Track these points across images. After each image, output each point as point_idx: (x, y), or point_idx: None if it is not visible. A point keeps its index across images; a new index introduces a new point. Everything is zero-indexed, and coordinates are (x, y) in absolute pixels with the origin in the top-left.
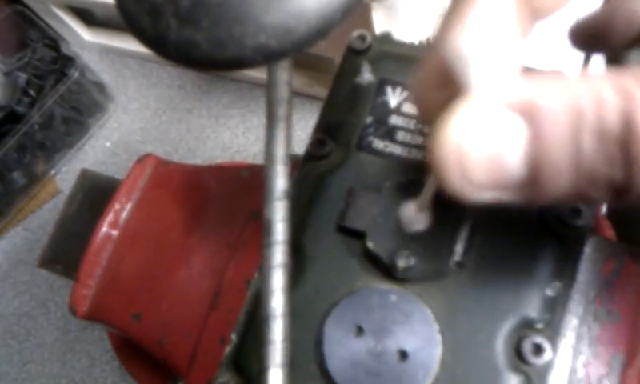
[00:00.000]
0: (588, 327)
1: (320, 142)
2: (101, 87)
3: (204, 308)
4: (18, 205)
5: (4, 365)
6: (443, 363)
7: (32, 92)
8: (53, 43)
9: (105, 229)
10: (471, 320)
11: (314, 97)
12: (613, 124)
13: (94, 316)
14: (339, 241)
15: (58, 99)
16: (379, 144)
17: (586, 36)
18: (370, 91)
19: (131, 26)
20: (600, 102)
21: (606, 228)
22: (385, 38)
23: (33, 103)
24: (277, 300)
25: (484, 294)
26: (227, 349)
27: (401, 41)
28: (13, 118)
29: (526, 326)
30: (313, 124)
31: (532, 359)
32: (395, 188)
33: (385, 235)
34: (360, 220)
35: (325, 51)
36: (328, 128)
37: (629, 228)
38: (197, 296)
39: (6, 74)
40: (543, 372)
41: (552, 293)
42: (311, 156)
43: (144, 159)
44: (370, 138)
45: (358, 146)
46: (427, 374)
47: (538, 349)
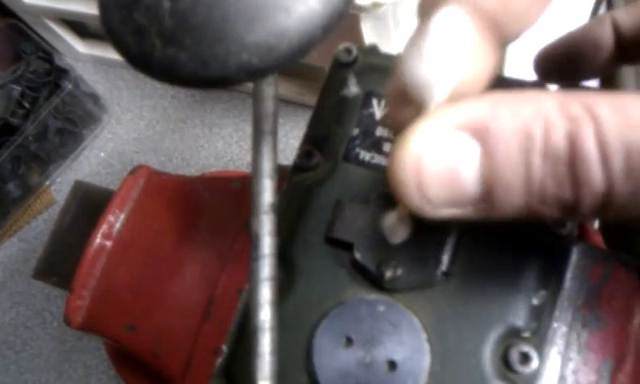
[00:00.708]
0: (577, 334)
1: (307, 154)
2: (95, 98)
3: (197, 318)
4: (14, 216)
5: (0, 375)
6: (431, 372)
7: (26, 104)
8: (46, 56)
9: (98, 240)
10: (459, 329)
11: (307, 105)
12: (560, 148)
13: (89, 327)
14: (328, 252)
15: (52, 111)
16: (366, 155)
17: (552, 66)
18: (356, 103)
19: (117, 46)
20: (548, 127)
21: (594, 235)
22: (371, 51)
23: (27, 115)
24: (265, 313)
25: (471, 304)
26: (218, 360)
27: (387, 53)
28: (7, 130)
29: (513, 335)
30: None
31: (519, 368)
32: (382, 199)
33: (372, 246)
34: (348, 231)
35: (316, 61)
36: (315, 140)
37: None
38: (190, 307)
39: (1, 87)
40: (530, 380)
41: (538, 301)
42: (299, 168)
43: (137, 170)
44: (357, 150)
45: (345, 158)
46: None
47: (525, 357)
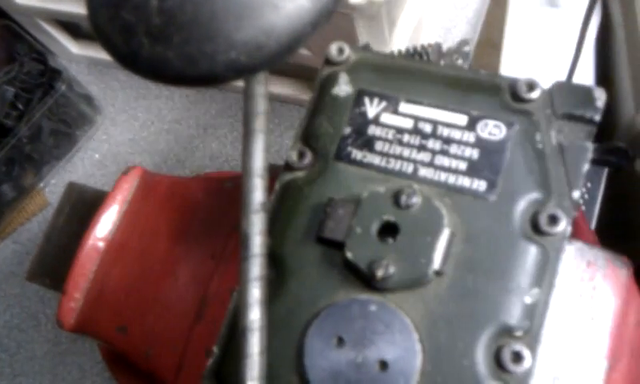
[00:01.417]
0: (569, 334)
1: (299, 153)
2: (89, 99)
3: (189, 320)
4: (7, 218)
5: None
6: (423, 372)
7: (20, 105)
8: (40, 57)
9: (91, 241)
10: (451, 328)
11: (302, 105)
12: None
13: (82, 329)
14: (319, 251)
15: (46, 112)
16: (357, 154)
17: None
18: (348, 102)
19: (104, 44)
20: None
21: (588, 233)
22: (363, 49)
23: (21, 116)
24: (254, 313)
25: (463, 303)
26: (209, 361)
27: (379, 52)
28: (1, 132)
29: (506, 334)
30: None
31: (512, 367)
32: (373, 197)
33: (363, 245)
34: (339, 230)
35: (311, 61)
36: (307, 139)
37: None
38: (182, 308)
39: None
40: (523, 380)
41: (531, 300)
42: (290, 167)
43: (130, 171)
44: (349, 149)
45: (337, 157)
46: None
47: (518, 356)
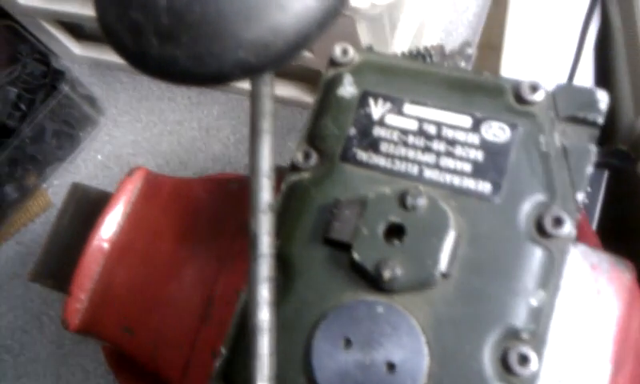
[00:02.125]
0: (573, 338)
1: (305, 154)
2: (91, 101)
3: (195, 320)
4: (10, 218)
5: None
6: (430, 374)
7: (23, 106)
8: (43, 58)
9: (96, 242)
10: (457, 331)
11: (305, 107)
12: None
13: (87, 330)
14: (326, 253)
15: (49, 113)
16: (363, 155)
17: None
18: (353, 103)
19: (113, 43)
20: None
21: (591, 236)
22: (367, 51)
23: (24, 117)
24: (263, 314)
25: (469, 305)
26: (217, 362)
27: (383, 53)
28: (4, 133)
29: (512, 337)
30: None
31: (518, 370)
32: (380, 199)
33: (370, 246)
34: (346, 231)
35: (314, 63)
36: (313, 140)
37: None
38: (188, 308)
39: None
40: (529, 382)
41: (537, 302)
42: (296, 168)
43: (134, 172)
44: (354, 150)
45: (343, 158)
46: None
47: (524, 359)
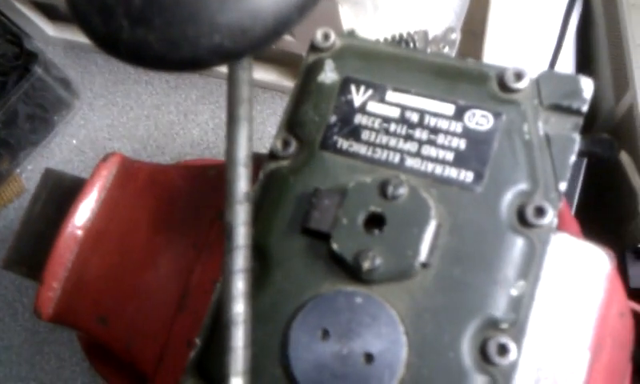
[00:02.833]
0: (553, 325)
1: (284, 142)
2: (66, 83)
3: (171, 310)
4: None
5: None
6: (409, 365)
7: None
8: (15, 39)
9: (69, 229)
10: (437, 321)
11: (285, 92)
12: None
13: (60, 319)
14: (304, 243)
15: (22, 96)
16: (343, 143)
17: None
18: (334, 90)
19: (82, 26)
20: None
21: (571, 223)
22: (349, 36)
23: None
24: (239, 306)
25: (449, 295)
26: (192, 353)
27: (366, 38)
28: None
29: (491, 327)
30: None
31: (497, 360)
32: (360, 188)
33: (349, 236)
34: (325, 221)
35: (295, 47)
36: (292, 127)
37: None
38: (163, 298)
39: None
40: (508, 372)
41: (517, 292)
42: (275, 156)
43: (109, 157)
44: (335, 138)
45: (323, 146)
46: (393, 376)
47: (503, 349)
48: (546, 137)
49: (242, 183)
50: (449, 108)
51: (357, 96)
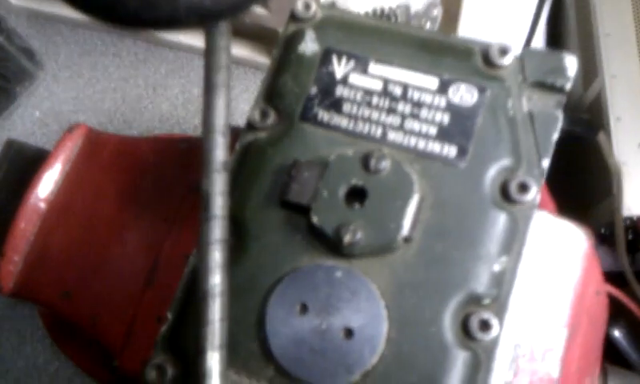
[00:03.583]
0: (532, 302)
1: (262, 112)
2: (29, 54)
3: (139, 285)
4: None
5: None
6: (389, 339)
7: None
8: None
9: (32, 201)
10: (418, 296)
11: (259, 68)
12: None
13: (22, 293)
14: (283, 216)
15: None
16: (324, 115)
17: None
18: (315, 61)
19: None
20: None
21: (549, 202)
22: (330, 7)
23: None
24: (215, 277)
25: (431, 270)
26: (162, 328)
27: (347, 10)
28: None
29: (473, 302)
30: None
31: (479, 335)
32: (341, 160)
33: (330, 209)
34: (304, 194)
35: (269, 21)
36: (270, 98)
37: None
38: (131, 273)
39: None
40: (490, 348)
41: (499, 268)
42: (252, 127)
43: (74, 128)
44: (315, 110)
45: (303, 117)
46: (373, 351)
47: (485, 325)
48: (530, 114)
49: (220, 152)
50: (433, 82)
51: (338, 67)
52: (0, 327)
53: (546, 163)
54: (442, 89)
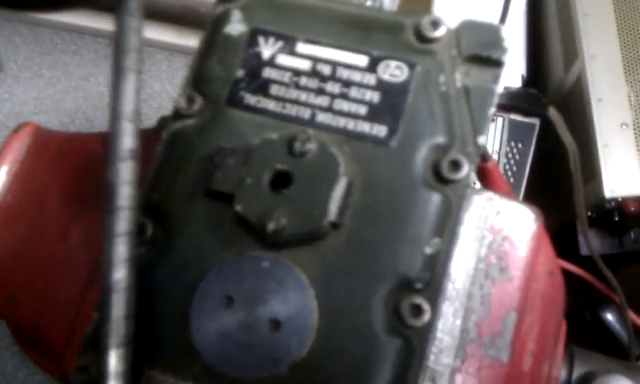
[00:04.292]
0: (479, 285)
1: (189, 99)
2: None
3: (81, 285)
4: None
5: None
6: (319, 330)
7: None
8: None
9: None
10: (348, 284)
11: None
12: None
13: None
14: (208, 206)
15: None
16: (251, 99)
17: None
18: (241, 42)
19: None
20: None
21: (502, 183)
22: None
23: None
24: (119, 272)
25: (361, 256)
26: (88, 329)
27: None
28: None
29: (405, 287)
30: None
31: (411, 321)
32: (266, 145)
33: (254, 197)
34: (229, 182)
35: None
36: (197, 83)
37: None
38: (74, 272)
39: None
40: (423, 333)
41: (431, 250)
42: (179, 114)
43: (22, 128)
44: (242, 93)
45: (229, 102)
46: (302, 343)
47: (417, 310)
48: (465, 89)
49: (127, 139)
50: (362, 59)
51: (265, 48)
52: None
53: (483, 140)
54: (372, 66)
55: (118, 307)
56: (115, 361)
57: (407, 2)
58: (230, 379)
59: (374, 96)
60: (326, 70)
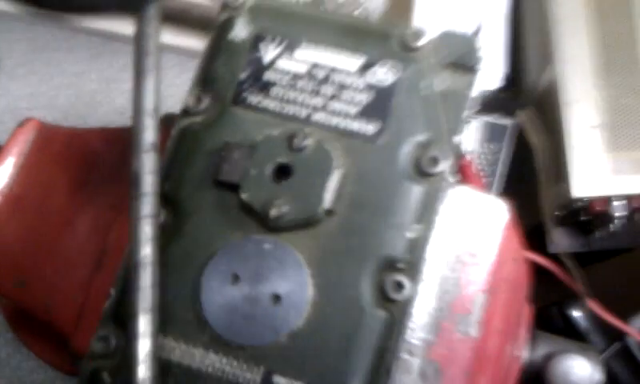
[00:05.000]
0: (452, 269)
1: (196, 98)
2: None
3: (89, 269)
4: None
5: None
6: (314, 304)
7: None
8: None
9: None
10: (340, 263)
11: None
12: None
13: None
14: (215, 194)
15: None
16: (254, 99)
17: None
18: (245, 47)
19: None
20: None
21: (476, 180)
22: None
23: None
24: (146, 249)
25: (351, 239)
26: (107, 303)
27: None
28: None
29: (389, 266)
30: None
31: (394, 295)
32: (268, 141)
33: (258, 186)
34: (235, 173)
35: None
36: (204, 84)
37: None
38: (82, 258)
39: None
40: (404, 306)
41: (412, 235)
42: (188, 112)
43: (26, 123)
44: (245, 94)
45: (234, 102)
46: (298, 315)
47: (399, 286)
48: (443, 93)
49: (149, 133)
50: (353, 64)
51: (266, 53)
52: None
53: (458, 139)
54: (362, 71)
55: (145, 278)
56: (145, 323)
57: (391, 9)
58: (236, 346)
59: (364, 98)
60: (321, 74)
